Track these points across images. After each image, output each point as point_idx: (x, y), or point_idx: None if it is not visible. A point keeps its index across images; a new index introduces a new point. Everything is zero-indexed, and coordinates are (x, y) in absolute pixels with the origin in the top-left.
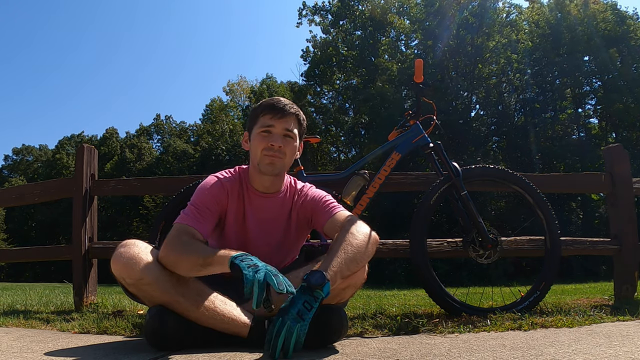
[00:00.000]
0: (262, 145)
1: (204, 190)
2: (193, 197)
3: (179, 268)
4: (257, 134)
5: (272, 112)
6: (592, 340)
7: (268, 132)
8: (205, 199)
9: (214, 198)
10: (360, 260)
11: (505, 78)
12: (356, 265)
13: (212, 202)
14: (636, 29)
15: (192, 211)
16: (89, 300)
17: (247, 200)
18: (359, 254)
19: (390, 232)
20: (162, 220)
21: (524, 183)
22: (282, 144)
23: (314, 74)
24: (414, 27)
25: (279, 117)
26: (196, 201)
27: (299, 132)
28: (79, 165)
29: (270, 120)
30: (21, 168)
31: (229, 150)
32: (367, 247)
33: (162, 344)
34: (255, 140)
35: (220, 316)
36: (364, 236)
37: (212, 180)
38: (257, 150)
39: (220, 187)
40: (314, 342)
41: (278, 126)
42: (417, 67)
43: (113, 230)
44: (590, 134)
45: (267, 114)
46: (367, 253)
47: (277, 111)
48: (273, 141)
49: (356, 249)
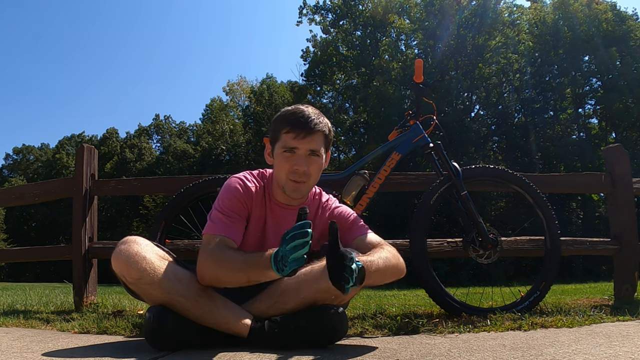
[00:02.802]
0: (285, 167)
1: (229, 195)
2: (219, 202)
3: (224, 285)
4: (279, 153)
5: (295, 130)
6: (592, 340)
7: (291, 152)
8: (231, 204)
9: (241, 202)
10: (390, 275)
11: (505, 78)
12: (382, 278)
13: (239, 206)
14: (636, 29)
15: (220, 218)
16: (89, 300)
17: (269, 209)
18: (390, 270)
19: (390, 232)
20: (162, 220)
21: (524, 183)
22: (306, 167)
23: (314, 73)
24: (415, 26)
25: (303, 136)
26: (223, 207)
27: (325, 147)
28: (79, 165)
29: (294, 142)
30: (21, 168)
31: (229, 150)
32: (397, 270)
33: (162, 343)
34: (279, 161)
35: (220, 316)
36: (397, 260)
37: (237, 184)
38: (281, 173)
39: (246, 190)
40: (315, 341)
41: (302, 147)
42: (417, 67)
43: (113, 230)
44: (590, 134)
45: (289, 132)
46: (394, 274)
47: (300, 130)
48: (297, 165)
49: (388, 265)
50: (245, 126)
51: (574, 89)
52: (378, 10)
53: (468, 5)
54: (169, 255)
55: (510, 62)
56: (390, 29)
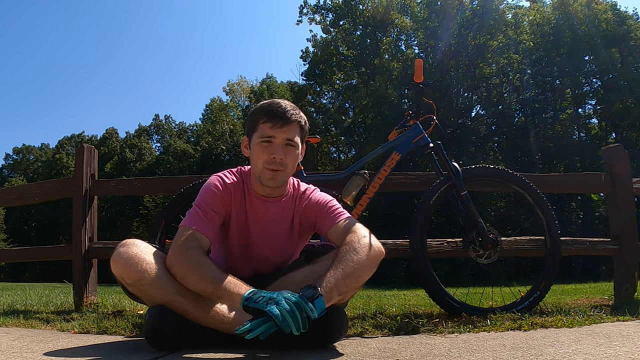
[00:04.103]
0: (262, 157)
1: (208, 191)
2: (198, 198)
3: (187, 283)
4: (257, 143)
5: (272, 120)
6: (592, 340)
7: (268, 142)
8: (210, 200)
9: (219, 199)
10: (359, 277)
11: (505, 78)
12: (355, 282)
13: (217, 203)
14: (636, 29)
15: (197, 213)
16: (89, 300)
17: (249, 203)
18: (359, 271)
19: (390, 232)
20: (162, 220)
21: (524, 183)
22: (283, 155)
23: (314, 73)
24: (416, 26)
25: (280, 126)
26: (201, 202)
27: (301, 138)
28: (79, 165)
29: (271, 130)
30: (21, 168)
31: (229, 150)
32: (368, 264)
33: (161, 343)
34: (256, 151)
35: (220, 316)
36: (365, 251)
37: (216, 181)
38: (258, 162)
39: (225, 187)
40: (314, 342)
41: (279, 136)
42: (417, 67)
43: (113, 230)
44: (590, 134)
45: (266, 122)
46: (367, 269)
47: (277, 119)
48: (274, 153)
49: (356, 265)
50: None
51: (574, 89)
52: (379, 10)
53: (470, 4)
54: None
55: (511, 62)
56: (391, 29)
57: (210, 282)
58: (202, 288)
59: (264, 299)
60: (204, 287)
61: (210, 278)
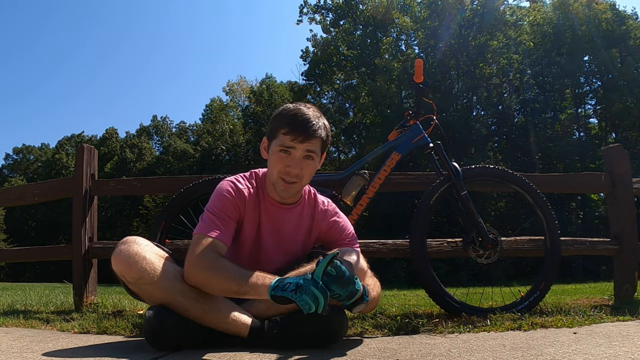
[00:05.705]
0: (279, 165)
1: (220, 197)
2: (210, 204)
3: (209, 290)
4: (275, 151)
5: (293, 133)
6: (592, 340)
7: (287, 152)
8: (223, 206)
9: (232, 204)
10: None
11: (505, 78)
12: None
13: (231, 208)
14: (636, 29)
15: (212, 219)
16: (89, 300)
17: (264, 208)
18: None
19: (390, 232)
20: (162, 220)
21: (524, 183)
22: (300, 169)
23: (314, 73)
24: (416, 25)
25: (301, 140)
26: (214, 208)
27: (322, 149)
28: (79, 165)
29: (291, 142)
30: (21, 168)
31: (229, 150)
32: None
33: (161, 343)
34: (273, 158)
35: (220, 316)
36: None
37: (228, 186)
38: (273, 170)
39: (238, 192)
40: (315, 341)
41: (299, 148)
42: (417, 67)
43: (113, 230)
44: (590, 134)
45: (288, 134)
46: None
47: (298, 133)
48: (291, 166)
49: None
50: (245, 126)
51: (574, 89)
52: (379, 10)
53: (470, 4)
54: (169, 255)
55: (511, 62)
56: (391, 29)
57: (232, 281)
58: (225, 289)
59: (290, 286)
60: (227, 287)
61: (231, 277)
